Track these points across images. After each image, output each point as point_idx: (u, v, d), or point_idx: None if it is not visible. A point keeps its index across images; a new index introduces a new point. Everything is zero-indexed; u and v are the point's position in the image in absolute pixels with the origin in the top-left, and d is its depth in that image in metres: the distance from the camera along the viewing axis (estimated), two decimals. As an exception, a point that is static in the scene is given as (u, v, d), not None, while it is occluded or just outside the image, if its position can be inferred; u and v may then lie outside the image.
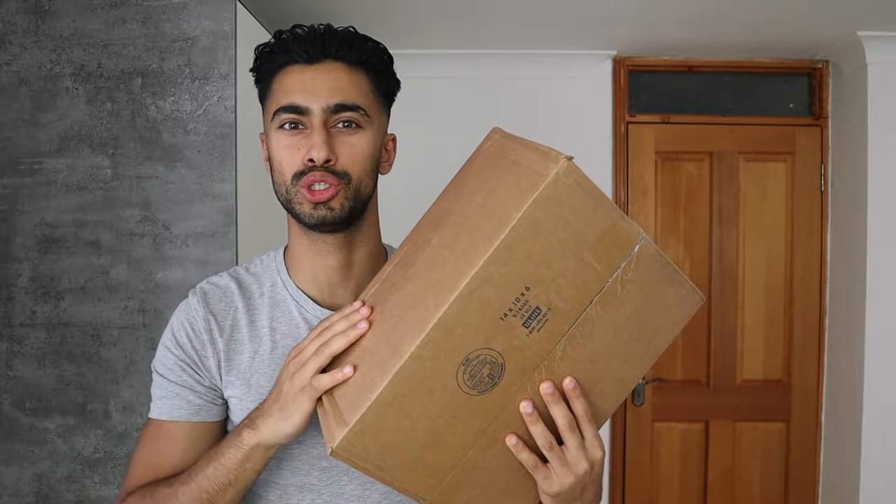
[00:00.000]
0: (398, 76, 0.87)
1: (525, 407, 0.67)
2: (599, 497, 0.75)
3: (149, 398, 1.44)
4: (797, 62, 2.63)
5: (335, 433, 0.65)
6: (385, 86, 0.84)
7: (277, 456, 0.79)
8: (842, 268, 2.57)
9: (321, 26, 0.80)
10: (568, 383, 0.68)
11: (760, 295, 2.66)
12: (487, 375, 0.66)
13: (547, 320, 0.65)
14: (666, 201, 2.67)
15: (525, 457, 0.69)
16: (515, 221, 0.60)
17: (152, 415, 0.84)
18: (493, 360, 0.65)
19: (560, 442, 0.69)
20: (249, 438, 0.72)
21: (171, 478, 0.79)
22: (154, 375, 0.85)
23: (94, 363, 1.45)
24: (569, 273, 0.64)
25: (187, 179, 1.44)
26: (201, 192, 1.43)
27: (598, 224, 0.63)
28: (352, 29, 0.82)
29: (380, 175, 0.85)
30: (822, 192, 2.65)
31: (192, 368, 0.82)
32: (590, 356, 0.69)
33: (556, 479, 0.69)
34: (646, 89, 2.69)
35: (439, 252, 0.68)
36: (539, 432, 0.68)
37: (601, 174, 2.65)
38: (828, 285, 2.64)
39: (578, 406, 0.68)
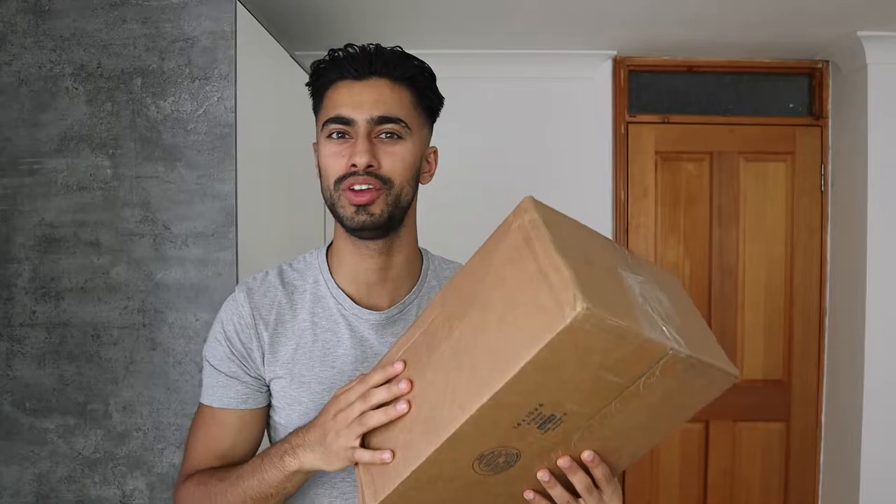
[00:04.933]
0: None
1: (542, 475, 0.72)
2: None
3: (150, 398, 1.45)
4: (797, 62, 2.63)
5: (366, 501, 0.73)
6: (427, 101, 0.90)
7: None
8: (842, 268, 2.57)
9: (371, 46, 0.87)
10: (587, 456, 0.71)
11: (760, 295, 2.66)
12: (504, 462, 0.70)
13: (562, 422, 0.67)
14: (666, 201, 2.67)
15: None
16: (525, 362, 0.61)
17: (203, 401, 0.91)
18: (508, 452, 0.69)
19: (577, 495, 0.74)
20: (291, 464, 0.80)
21: (222, 472, 0.87)
22: (205, 363, 0.92)
23: (94, 363, 1.45)
24: (584, 388, 0.65)
25: (187, 179, 1.44)
26: (201, 192, 1.43)
27: (620, 350, 0.62)
28: (399, 49, 0.88)
29: (420, 185, 0.91)
30: (822, 192, 2.65)
31: (239, 360, 0.89)
32: (609, 435, 0.70)
33: None
34: (646, 89, 2.69)
35: (454, 356, 0.71)
36: (557, 494, 0.73)
37: (601, 174, 2.65)
38: (828, 285, 2.64)
39: (598, 472, 0.72)
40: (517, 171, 2.56)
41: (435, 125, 0.94)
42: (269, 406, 0.93)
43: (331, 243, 0.95)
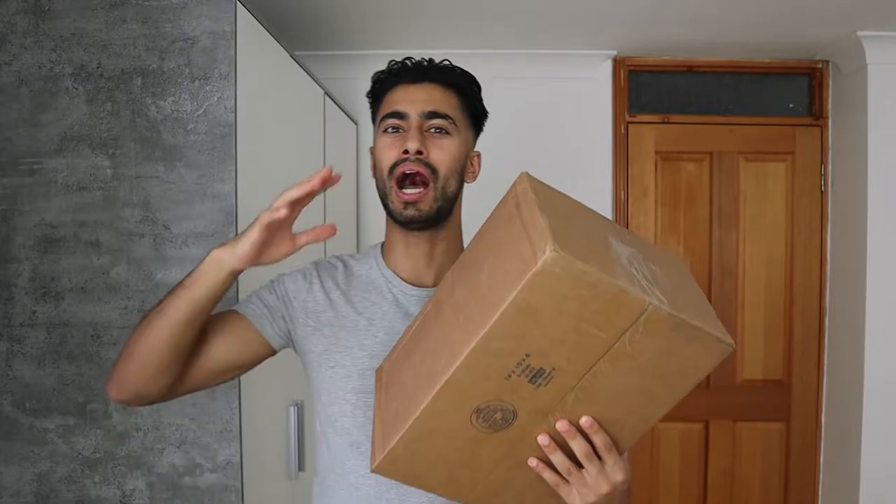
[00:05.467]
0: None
1: (542, 439, 0.74)
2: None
3: (149, 398, 1.44)
4: (797, 62, 2.63)
5: (376, 455, 0.78)
6: (472, 108, 1.03)
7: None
8: (842, 268, 2.57)
9: (426, 59, 1.01)
10: (585, 421, 0.73)
11: (760, 295, 2.66)
12: (501, 419, 0.73)
13: (553, 378, 0.69)
14: (666, 201, 2.67)
15: (548, 475, 0.76)
16: (506, 305, 0.65)
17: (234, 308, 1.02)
18: (504, 407, 0.72)
19: (581, 465, 0.75)
20: (205, 263, 0.87)
21: None
22: (255, 291, 1.04)
23: (94, 363, 1.45)
24: (569, 341, 0.67)
25: (187, 179, 1.44)
26: (201, 192, 1.43)
27: (596, 300, 0.65)
28: (447, 61, 1.03)
29: (465, 184, 1.03)
30: (822, 192, 2.65)
31: (281, 300, 1.01)
32: (605, 399, 0.72)
33: (579, 496, 0.76)
34: (646, 89, 2.69)
35: (453, 313, 0.76)
36: (558, 460, 0.75)
37: (601, 174, 2.65)
38: (828, 285, 2.64)
39: (597, 440, 0.74)
40: (517, 170, 2.55)
41: None
42: (269, 350, 1.01)
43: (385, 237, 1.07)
